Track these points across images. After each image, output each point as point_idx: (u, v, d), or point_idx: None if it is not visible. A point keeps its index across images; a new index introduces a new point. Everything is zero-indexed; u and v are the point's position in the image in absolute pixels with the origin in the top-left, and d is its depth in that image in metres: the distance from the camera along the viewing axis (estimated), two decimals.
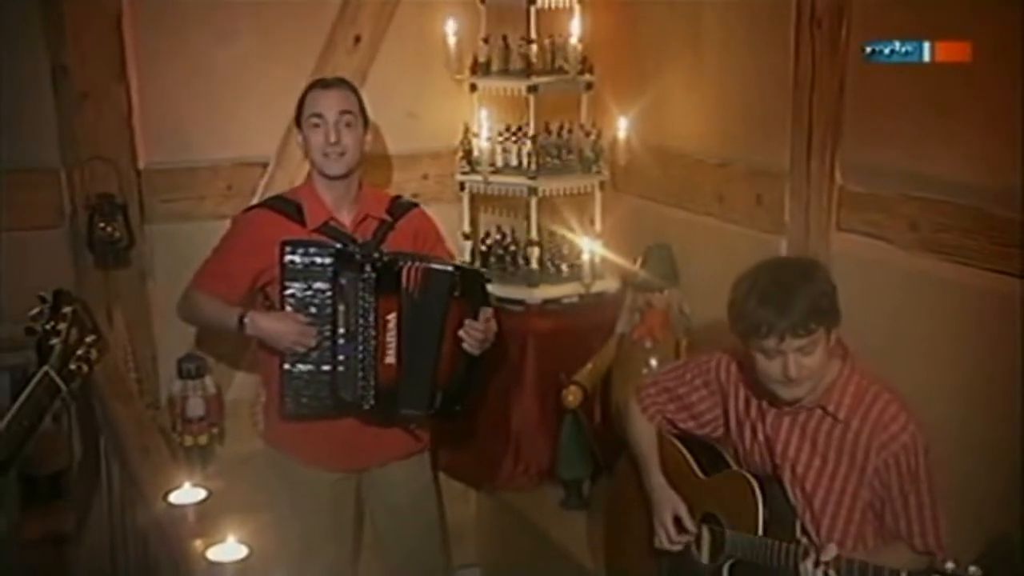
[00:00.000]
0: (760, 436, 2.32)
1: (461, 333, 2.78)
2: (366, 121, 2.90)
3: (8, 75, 3.17)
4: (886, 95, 2.60)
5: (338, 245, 2.78)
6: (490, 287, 3.00)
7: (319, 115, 2.81)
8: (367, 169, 3.45)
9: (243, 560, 1.98)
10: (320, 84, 2.89)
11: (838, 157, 2.74)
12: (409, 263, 2.77)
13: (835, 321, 2.15)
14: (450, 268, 2.81)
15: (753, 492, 2.26)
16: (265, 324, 2.78)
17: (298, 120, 2.87)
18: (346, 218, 2.88)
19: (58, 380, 1.99)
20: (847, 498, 2.22)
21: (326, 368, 2.79)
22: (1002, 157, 2.32)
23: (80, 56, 3.20)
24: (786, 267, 2.26)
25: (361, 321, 2.77)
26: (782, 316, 2.08)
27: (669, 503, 2.43)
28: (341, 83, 2.90)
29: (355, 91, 2.90)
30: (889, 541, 2.19)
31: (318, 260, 2.75)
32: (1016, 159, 2.29)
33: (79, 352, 2.06)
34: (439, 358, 2.79)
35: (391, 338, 2.76)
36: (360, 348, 2.77)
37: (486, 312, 2.85)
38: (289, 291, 2.75)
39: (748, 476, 2.30)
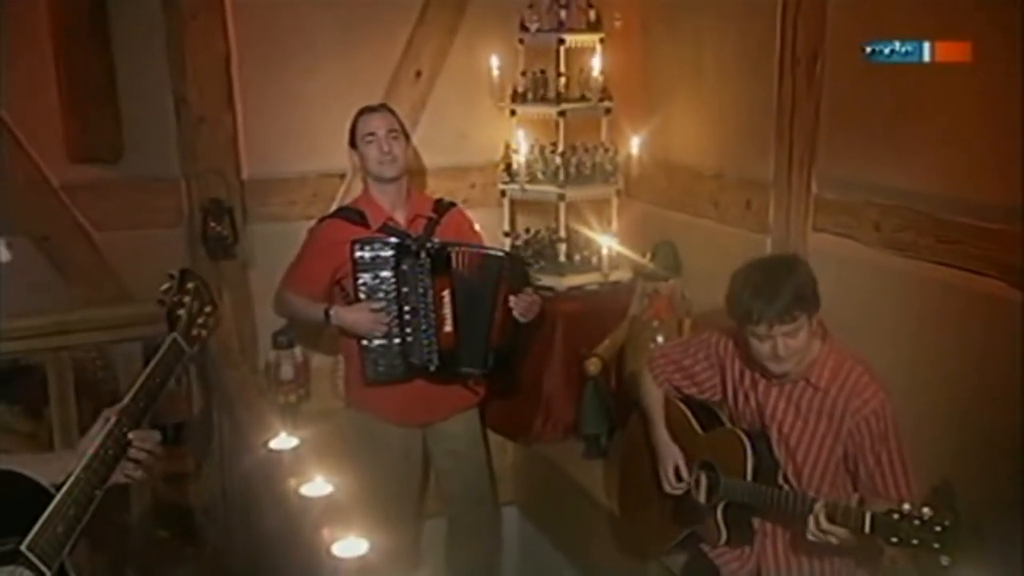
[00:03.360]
0: (752, 402, 2.32)
1: (512, 303, 2.81)
2: (407, 136, 2.96)
3: (140, 105, 3.24)
4: (854, 120, 2.59)
5: (396, 239, 2.82)
6: None
7: (372, 133, 2.86)
8: (427, 179, 3.52)
9: (329, 495, 2.03)
10: (367, 110, 2.93)
11: (814, 170, 2.74)
12: (459, 249, 2.81)
13: (815, 308, 2.15)
14: (501, 253, 2.88)
15: (743, 446, 2.27)
16: (346, 316, 2.83)
17: (352, 141, 2.90)
18: (401, 218, 2.91)
19: (183, 344, 2.01)
20: (824, 452, 2.22)
21: (397, 340, 2.84)
22: (949, 171, 2.32)
23: (197, 89, 3.25)
24: (774, 263, 2.25)
25: (421, 299, 2.81)
26: (770, 306, 2.08)
27: (671, 455, 2.45)
28: (383, 107, 2.97)
29: (395, 113, 2.96)
30: (869, 498, 2.11)
31: (382, 253, 2.79)
32: (959, 173, 2.29)
33: (200, 320, 2.08)
34: (492, 325, 2.82)
35: (447, 311, 2.81)
36: (423, 321, 2.82)
37: (528, 290, 2.89)
38: (360, 281, 2.80)
39: (740, 432, 2.31)
